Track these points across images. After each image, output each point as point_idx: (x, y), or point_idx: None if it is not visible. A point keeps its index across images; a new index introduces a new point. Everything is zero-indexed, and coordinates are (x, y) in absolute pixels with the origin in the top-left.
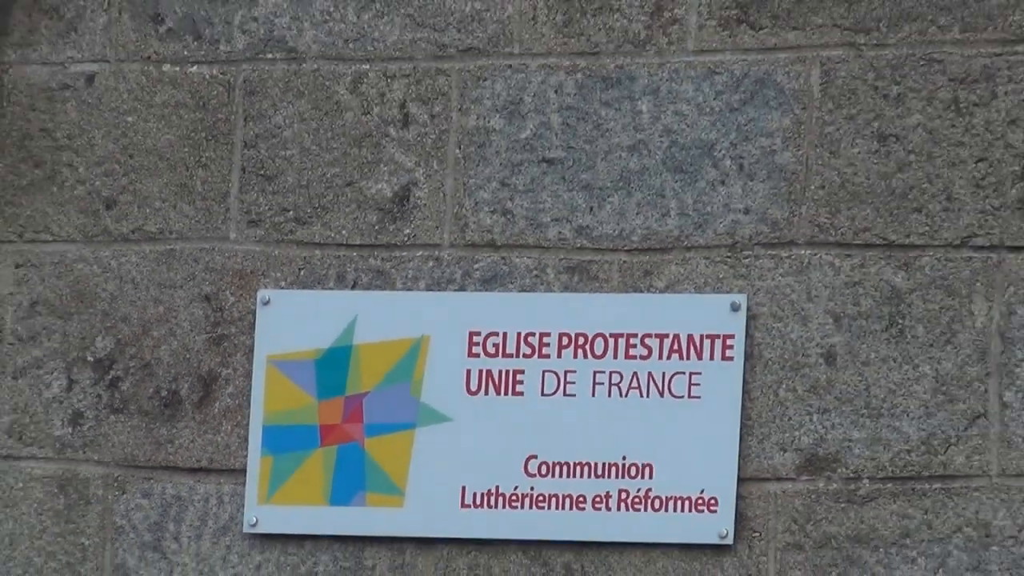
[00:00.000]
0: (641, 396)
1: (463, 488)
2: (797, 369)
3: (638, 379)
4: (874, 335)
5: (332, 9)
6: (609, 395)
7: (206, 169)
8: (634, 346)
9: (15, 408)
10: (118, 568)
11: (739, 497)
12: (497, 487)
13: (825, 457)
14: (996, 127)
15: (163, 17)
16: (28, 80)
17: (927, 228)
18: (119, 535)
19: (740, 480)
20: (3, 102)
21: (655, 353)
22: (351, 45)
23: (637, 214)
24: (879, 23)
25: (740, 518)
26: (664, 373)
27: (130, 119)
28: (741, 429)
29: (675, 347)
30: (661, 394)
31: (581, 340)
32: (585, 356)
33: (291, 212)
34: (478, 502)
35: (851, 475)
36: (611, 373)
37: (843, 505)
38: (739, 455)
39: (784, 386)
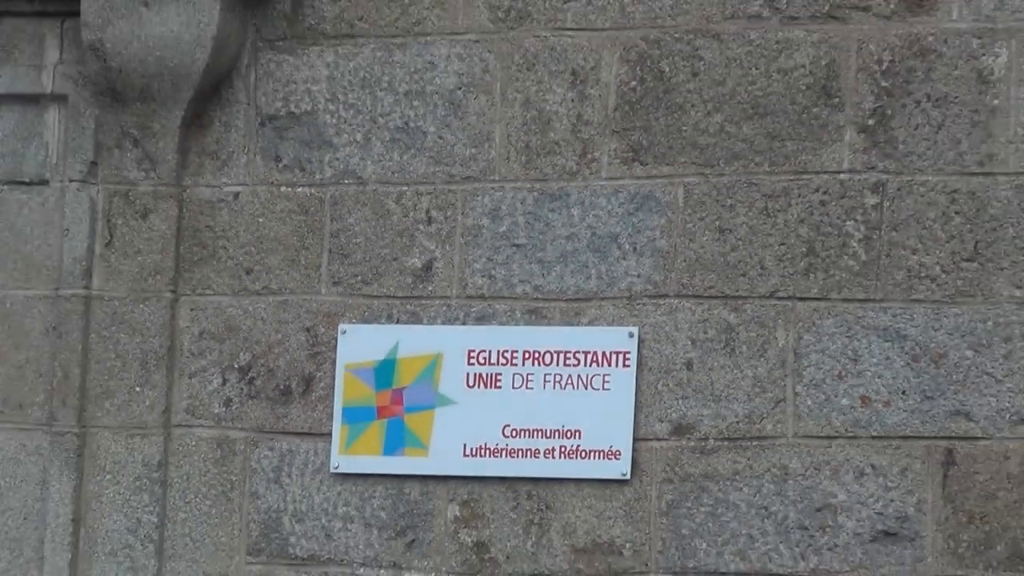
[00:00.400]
0: (574, 388)
1: (464, 445)
2: (669, 372)
3: (572, 379)
4: (716, 352)
5: (384, 153)
6: (555, 388)
7: (307, 251)
8: (569, 359)
9: (191, 396)
10: (253, 494)
11: (634, 450)
12: (485, 444)
13: (686, 426)
14: (791, 225)
15: (281, 158)
16: (199, 196)
17: (749, 286)
18: (253, 474)
19: (634, 440)
20: (183, 209)
21: (583, 363)
22: (396, 174)
23: (571, 278)
24: (719, 161)
25: (634, 463)
26: (588, 375)
27: (260, 220)
28: (635, 409)
29: (595, 359)
30: (586, 388)
31: (537, 355)
32: (539, 364)
33: (359, 277)
34: (473, 453)
35: (702, 437)
36: (555, 375)
37: (697, 455)
38: (634, 424)
39: (661, 383)
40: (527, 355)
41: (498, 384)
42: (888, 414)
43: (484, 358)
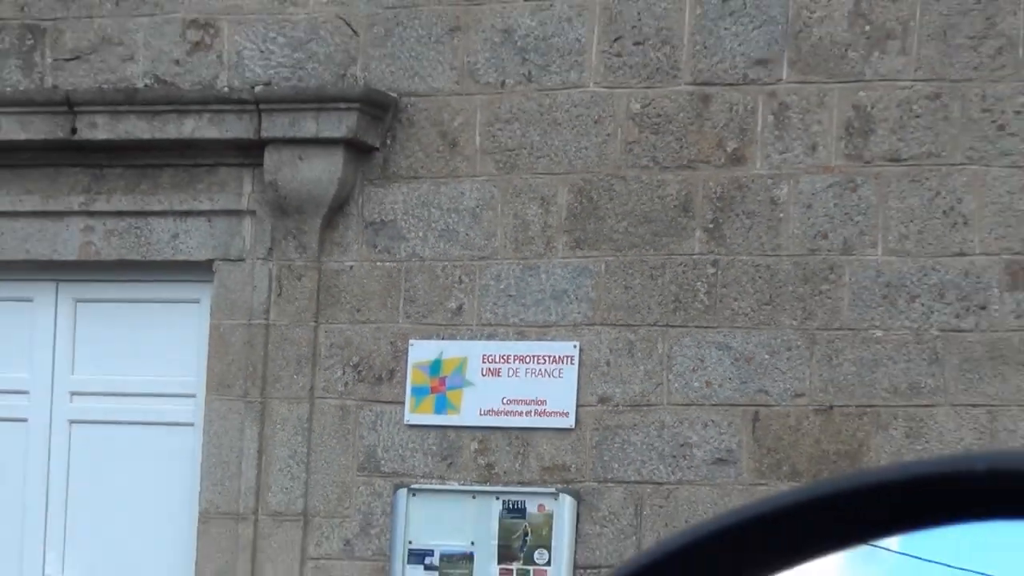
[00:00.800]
0: (542, 377)
1: (479, 408)
2: (596, 368)
3: (541, 371)
4: (623, 356)
5: (435, 243)
6: (531, 376)
7: (391, 299)
8: (540, 359)
9: (325, 381)
10: (360, 436)
11: (576, 412)
12: (492, 408)
13: (606, 398)
14: (665, 284)
15: (376, 246)
16: (330, 268)
17: (641, 319)
18: (360, 425)
19: (577, 406)
20: (321, 276)
21: (547, 362)
22: (441, 255)
23: (541, 315)
24: (624, 248)
25: (577, 419)
26: (550, 369)
27: (364, 281)
28: (577, 388)
29: (554, 360)
30: (549, 376)
31: (521, 357)
32: (522, 363)
33: (420, 313)
34: (484, 414)
35: (615, 404)
36: (531, 369)
37: (612, 415)
38: (576, 397)
39: (591, 374)
40: (516, 357)
41: (499, 374)
42: (721, 391)
43: (491, 359)
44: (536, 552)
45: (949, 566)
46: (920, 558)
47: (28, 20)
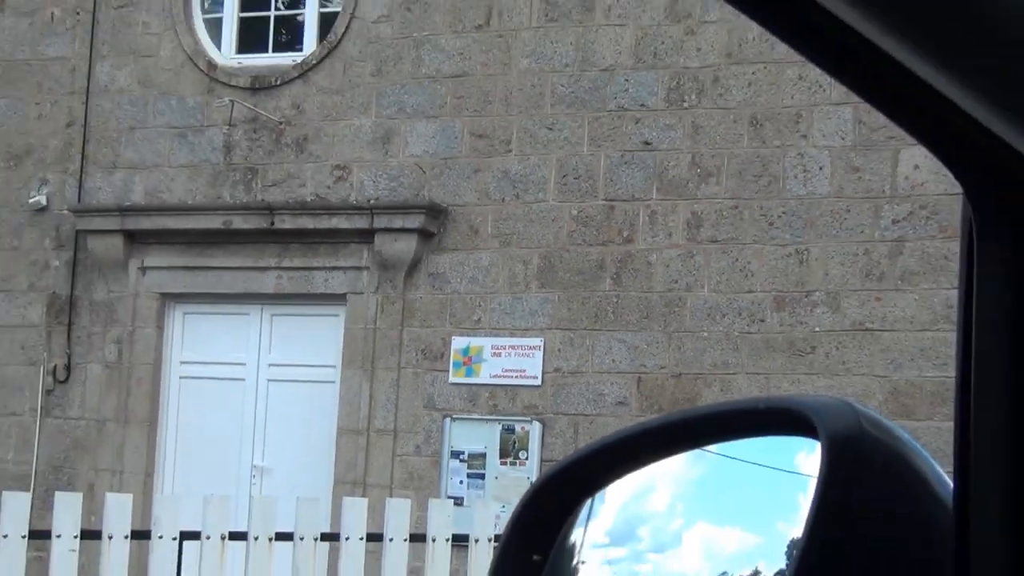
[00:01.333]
0: (523, 357)
1: (489, 374)
2: (553, 352)
3: (522, 355)
4: (569, 348)
5: (466, 284)
6: (518, 357)
7: (442, 315)
8: (523, 348)
9: (405, 360)
10: (424, 388)
11: (542, 377)
12: (496, 374)
13: (559, 369)
14: (591, 308)
15: (436, 286)
16: (409, 298)
17: (579, 326)
18: (424, 383)
19: (542, 373)
20: (404, 302)
21: (526, 349)
22: (468, 292)
23: (523, 324)
24: (574, 287)
25: (542, 380)
26: (528, 353)
27: (429, 306)
28: (542, 363)
29: (530, 347)
30: (527, 357)
31: (513, 347)
32: (513, 350)
33: (458, 321)
34: (494, 376)
35: (565, 372)
36: (518, 353)
37: (564, 376)
38: (542, 368)
39: (551, 355)
40: (509, 347)
41: (500, 355)
42: (620, 365)
43: (496, 348)
44: (520, 452)
45: (744, 461)
46: (729, 456)
47: (248, 165)
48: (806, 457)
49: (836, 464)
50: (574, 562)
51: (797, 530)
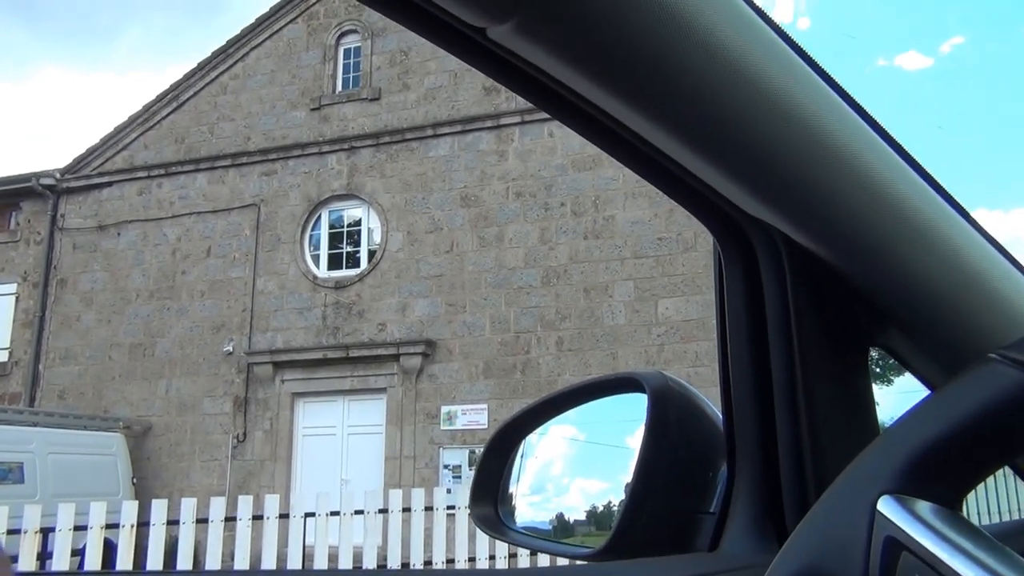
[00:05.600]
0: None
1: (462, 424)
2: (496, 419)
3: (480, 417)
4: (502, 413)
5: (445, 393)
6: None
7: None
8: (479, 412)
9: (423, 433)
10: (428, 434)
11: (488, 424)
12: (465, 425)
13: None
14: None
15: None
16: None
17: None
18: (428, 434)
19: (489, 421)
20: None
21: None
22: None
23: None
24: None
25: (488, 424)
26: (478, 418)
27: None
28: (488, 422)
29: (481, 414)
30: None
31: None
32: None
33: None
34: (465, 425)
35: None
36: (477, 415)
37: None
38: (488, 423)
39: (495, 420)
40: (471, 410)
41: (466, 414)
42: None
43: (465, 410)
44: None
45: (614, 419)
46: (593, 442)
47: (335, 326)
48: (638, 403)
49: (655, 403)
50: (512, 504)
51: (633, 461)
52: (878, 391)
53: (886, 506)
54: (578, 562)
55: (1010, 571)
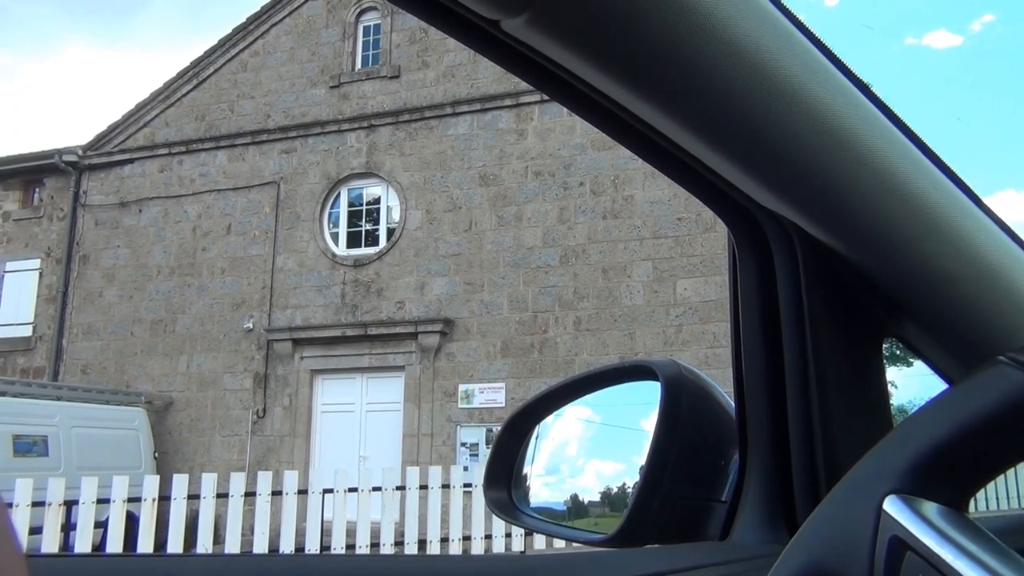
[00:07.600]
0: None
1: (479, 402)
2: (514, 398)
3: (497, 396)
4: (519, 392)
5: (462, 371)
6: None
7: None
8: (496, 391)
9: (443, 412)
10: (445, 413)
11: (505, 403)
12: (482, 403)
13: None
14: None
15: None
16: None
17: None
18: (450, 418)
19: (506, 400)
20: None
21: None
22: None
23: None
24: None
25: (505, 403)
26: (495, 397)
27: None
28: (505, 401)
29: (499, 393)
30: None
31: None
32: None
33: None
34: (482, 404)
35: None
36: (494, 394)
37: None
38: (505, 402)
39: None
40: (488, 388)
41: (484, 393)
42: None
43: (482, 388)
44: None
45: (625, 403)
46: (605, 423)
47: (353, 303)
48: (652, 390)
49: (668, 391)
50: (526, 486)
51: (647, 443)
52: (898, 374)
53: (892, 506)
54: (590, 548)
55: (1013, 575)
